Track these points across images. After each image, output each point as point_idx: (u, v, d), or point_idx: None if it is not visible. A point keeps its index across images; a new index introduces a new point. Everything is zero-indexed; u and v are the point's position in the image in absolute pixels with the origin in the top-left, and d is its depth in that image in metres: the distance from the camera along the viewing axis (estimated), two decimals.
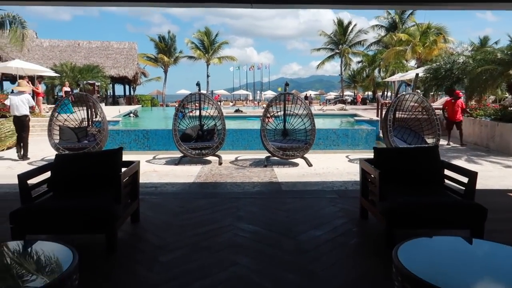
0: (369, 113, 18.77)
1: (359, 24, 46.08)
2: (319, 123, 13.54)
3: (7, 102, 10.16)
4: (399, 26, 38.83)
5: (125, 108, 23.03)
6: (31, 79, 18.28)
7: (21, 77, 17.22)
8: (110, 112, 18.80)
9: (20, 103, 9.23)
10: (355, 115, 17.95)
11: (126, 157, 9.94)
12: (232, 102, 41.29)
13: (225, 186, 6.25)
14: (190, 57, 47.84)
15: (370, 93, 55.71)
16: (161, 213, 4.49)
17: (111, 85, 35.08)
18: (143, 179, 6.79)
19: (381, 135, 13.21)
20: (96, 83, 23.80)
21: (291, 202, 4.99)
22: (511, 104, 10.59)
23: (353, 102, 39.81)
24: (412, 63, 35.02)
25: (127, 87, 38.72)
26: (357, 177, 6.81)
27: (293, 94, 8.63)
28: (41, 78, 20.42)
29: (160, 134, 11.47)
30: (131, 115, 19.36)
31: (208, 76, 47.33)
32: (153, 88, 49.76)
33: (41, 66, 19.41)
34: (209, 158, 8.52)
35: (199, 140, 8.64)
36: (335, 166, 8.03)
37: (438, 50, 21.09)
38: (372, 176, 3.96)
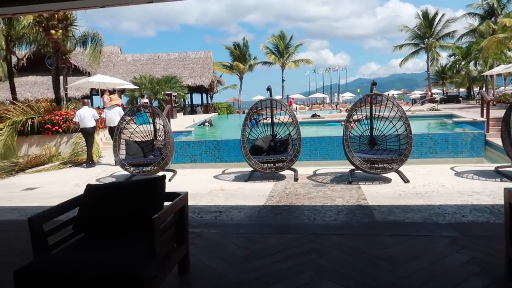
0: (469, 113, 16.23)
1: (447, 14, 41.80)
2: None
3: (75, 119, 10.55)
4: (498, 11, 34.27)
5: (201, 117, 23.01)
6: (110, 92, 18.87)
7: (103, 91, 17.80)
8: (185, 122, 18.68)
9: (114, 115, 10.55)
10: (452, 115, 15.63)
11: (195, 171, 9.32)
12: (308, 106, 39.87)
13: (302, 213, 5.07)
14: (265, 63, 47.43)
15: (462, 90, 50.48)
16: (217, 259, 3.45)
17: (188, 94, 35.93)
18: (207, 200, 5.91)
19: (489, 139, 11.00)
20: (173, 93, 24.14)
21: (393, 244, 3.63)
22: None
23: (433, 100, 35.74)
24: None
25: (204, 95, 39.43)
26: (474, 200, 5.23)
27: (382, 94, 7.16)
28: (121, 91, 21.12)
29: (231, 144, 10.69)
30: (206, 124, 19.08)
31: (283, 80, 46.47)
32: (229, 96, 50.39)
33: (121, 80, 20.02)
34: (284, 172, 7.41)
35: (271, 152, 7.58)
36: (439, 182, 6.41)
37: None
38: None
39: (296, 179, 7.08)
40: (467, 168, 7.56)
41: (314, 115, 17.84)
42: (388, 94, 46.00)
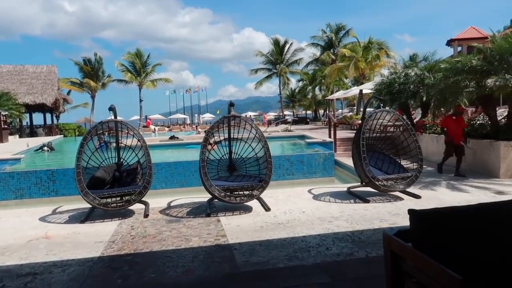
0: (318, 134, 17.43)
1: (294, 44, 46.01)
2: None
3: None
4: (336, 43, 39.03)
5: (42, 140, 19.67)
6: None
7: None
8: (15, 147, 15.58)
9: None
10: (304, 136, 16.49)
11: (15, 212, 7.35)
12: (168, 127, 38.56)
13: (149, 264, 4.06)
14: (121, 81, 44.51)
15: (309, 112, 55.84)
16: None
17: (27, 114, 31.00)
18: (20, 257, 4.40)
19: (337, 158, 11.68)
20: (2, 112, 20.22)
21: None
22: (476, 118, 9.55)
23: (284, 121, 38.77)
24: (348, 81, 35.07)
25: (48, 115, 34.62)
26: (334, 227, 4.94)
27: (240, 116, 6.68)
28: None
29: (70, 174, 8.97)
30: (45, 148, 16.22)
31: (141, 100, 44.24)
32: (80, 116, 45.63)
33: None
34: (133, 207, 6.25)
35: (116, 185, 6.33)
36: (299, 208, 6.15)
37: (381, 65, 20.66)
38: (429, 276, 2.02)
39: (146, 215, 6.00)
40: (323, 190, 7.60)
41: (172, 137, 16.85)
42: (246, 115, 48.02)
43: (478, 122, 9.71)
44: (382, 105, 7.74)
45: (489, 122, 9.04)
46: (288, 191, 7.62)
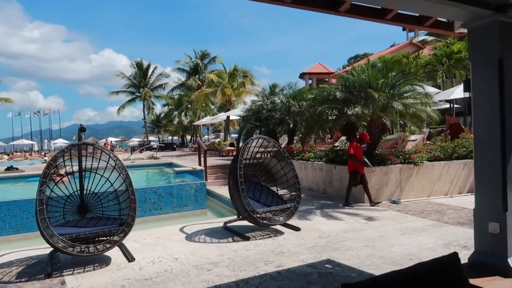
0: (187, 161, 16.55)
1: (158, 68, 44.64)
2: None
3: None
4: (202, 69, 39.09)
5: None
6: None
7: None
8: None
9: None
10: (172, 164, 15.43)
11: None
12: (8, 155, 32.73)
13: None
14: None
15: (176, 137, 54.57)
16: None
17: None
18: None
19: (208, 187, 10.95)
20: None
21: None
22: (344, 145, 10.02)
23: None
24: (213, 107, 35.32)
25: None
26: (215, 278, 3.90)
27: (92, 143, 5.40)
28: None
29: None
30: None
31: None
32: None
33: None
34: None
35: None
36: (171, 254, 5.15)
37: (246, 92, 21.08)
38: None
39: None
40: (197, 227, 6.73)
41: (9, 168, 13.88)
42: (106, 141, 44.09)
43: (339, 147, 10.21)
44: (258, 131, 7.35)
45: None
46: (156, 231, 6.52)
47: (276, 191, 6.77)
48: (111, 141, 45.23)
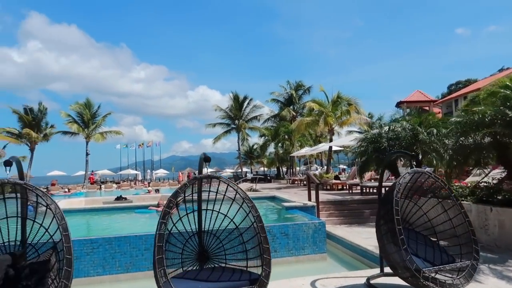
0: (290, 194, 15.38)
1: (252, 100, 45.25)
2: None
3: None
4: (296, 100, 38.55)
5: None
6: None
7: None
8: None
9: None
10: (276, 198, 14.37)
11: None
12: (116, 184, 35.01)
13: None
14: (66, 133, 40.86)
15: (267, 169, 54.35)
16: None
17: None
18: None
19: (330, 230, 9.51)
20: None
21: None
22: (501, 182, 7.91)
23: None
24: (308, 137, 34.04)
25: None
26: None
27: (218, 177, 4.47)
28: None
29: None
30: None
31: (87, 154, 40.55)
32: (16, 170, 40.90)
33: None
34: None
35: None
36: None
37: (352, 121, 19.58)
38: None
39: None
40: (330, 281, 5.38)
41: (119, 198, 14.08)
42: (183, 173, 45.16)
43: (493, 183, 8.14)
44: (415, 164, 5.89)
45: None
46: (282, 285, 5.31)
47: (437, 242, 5.16)
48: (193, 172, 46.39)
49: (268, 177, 37.78)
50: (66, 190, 27.75)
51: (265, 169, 52.92)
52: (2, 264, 3.84)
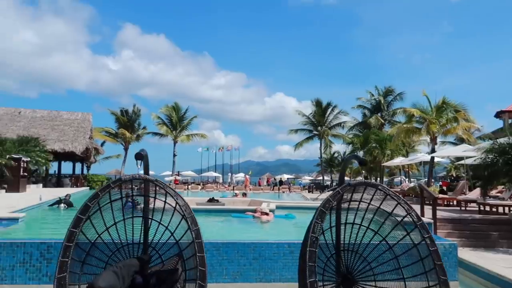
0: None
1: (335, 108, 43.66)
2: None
3: None
4: (384, 107, 36.40)
5: (66, 191, 17.14)
6: None
7: None
8: (27, 200, 13.01)
9: None
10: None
11: None
12: (200, 185, 35.84)
13: None
14: (156, 134, 43.09)
15: (349, 178, 52.18)
16: None
17: (57, 162, 29.37)
18: None
19: (464, 257, 8.15)
20: (24, 158, 18.15)
21: None
22: None
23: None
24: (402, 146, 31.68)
25: (78, 165, 32.95)
26: None
27: (376, 185, 3.65)
28: None
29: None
30: (61, 205, 13.49)
31: (174, 155, 42.31)
32: (112, 167, 44.08)
33: None
34: None
35: None
36: None
37: (460, 129, 17.51)
38: None
39: None
40: None
41: (211, 200, 13.91)
42: (281, 178, 44.71)
43: None
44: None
45: None
46: None
47: None
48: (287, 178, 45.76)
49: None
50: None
51: (349, 178, 50.87)
52: (130, 270, 3.39)
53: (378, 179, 31.72)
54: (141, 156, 3.50)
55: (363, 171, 35.07)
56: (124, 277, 3.34)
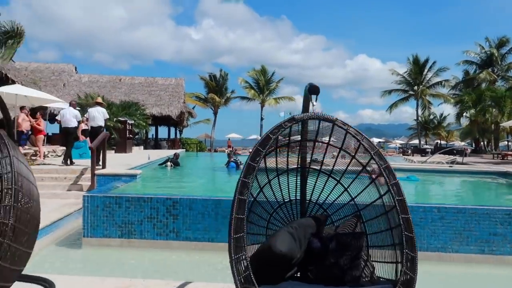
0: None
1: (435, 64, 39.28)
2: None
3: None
4: (498, 60, 31.90)
5: (165, 153, 17.76)
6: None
7: (21, 108, 12.56)
8: (136, 159, 13.47)
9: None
10: (507, 173, 11.30)
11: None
12: None
13: None
14: (243, 98, 43.24)
15: (445, 142, 48.06)
16: None
17: (154, 126, 30.86)
18: None
19: None
20: (129, 121, 19.02)
21: None
22: None
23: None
24: None
25: (172, 129, 34.42)
26: None
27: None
28: (42, 109, 15.87)
29: (200, 207, 5.85)
30: (168, 163, 13.79)
31: (262, 119, 42.24)
32: (201, 132, 45.56)
33: (48, 95, 14.75)
34: None
35: (315, 271, 2.63)
36: None
37: None
38: None
39: None
40: None
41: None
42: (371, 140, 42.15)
43: None
44: None
45: None
46: None
47: None
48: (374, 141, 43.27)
49: (467, 150, 32.46)
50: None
51: (454, 141, 46.72)
52: (306, 231, 2.69)
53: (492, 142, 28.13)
54: (317, 89, 2.71)
55: (476, 134, 31.00)
56: (301, 240, 2.66)
